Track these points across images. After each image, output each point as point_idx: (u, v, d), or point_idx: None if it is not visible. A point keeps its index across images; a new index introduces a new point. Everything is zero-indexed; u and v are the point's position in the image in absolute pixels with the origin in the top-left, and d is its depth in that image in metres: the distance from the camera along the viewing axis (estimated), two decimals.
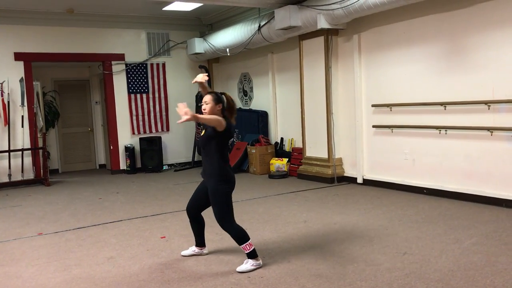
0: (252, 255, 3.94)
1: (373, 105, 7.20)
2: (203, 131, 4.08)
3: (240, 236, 3.95)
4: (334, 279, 3.65)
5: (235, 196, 7.10)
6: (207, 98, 3.99)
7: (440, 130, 6.23)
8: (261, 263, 3.96)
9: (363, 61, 7.34)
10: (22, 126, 9.20)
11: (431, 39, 6.29)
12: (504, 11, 5.44)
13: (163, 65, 10.74)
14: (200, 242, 4.39)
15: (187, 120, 3.49)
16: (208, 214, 5.98)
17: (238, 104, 10.71)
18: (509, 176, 5.53)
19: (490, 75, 5.62)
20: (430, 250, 4.18)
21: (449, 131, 6.14)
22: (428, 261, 3.91)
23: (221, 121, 3.84)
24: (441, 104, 6.15)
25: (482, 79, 5.71)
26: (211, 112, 3.93)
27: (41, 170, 9.29)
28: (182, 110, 3.48)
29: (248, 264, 3.93)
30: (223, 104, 4.01)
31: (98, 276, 3.98)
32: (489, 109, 5.63)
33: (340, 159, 7.89)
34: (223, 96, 4.05)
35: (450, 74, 6.10)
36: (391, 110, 6.93)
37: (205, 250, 4.41)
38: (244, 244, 3.92)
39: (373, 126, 7.24)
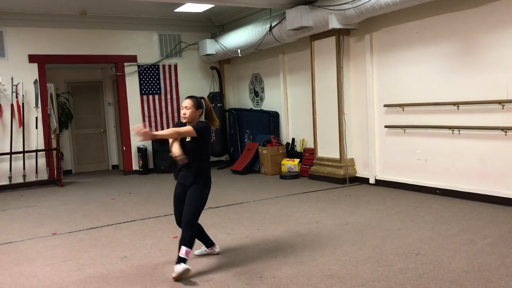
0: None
1: (385, 105, 7.17)
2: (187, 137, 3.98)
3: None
4: (347, 279, 3.64)
5: (245, 196, 7.16)
6: (188, 103, 3.96)
7: (453, 130, 6.19)
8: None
9: (375, 61, 7.32)
10: (36, 128, 9.31)
11: (443, 39, 6.25)
12: None
13: (175, 66, 10.80)
14: (206, 242, 4.36)
15: (145, 140, 3.67)
16: (217, 213, 6.01)
17: (249, 105, 10.73)
18: None
19: (504, 74, 5.56)
20: (443, 251, 4.15)
21: (462, 131, 6.10)
22: (441, 262, 3.89)
23: (188, 131, 3.84)
24: (454, 104, 6.10)
25: (496, 79, 5.66)
26: (192, 117, 3.95)
27: (55, 171, 9.40)
28: (136, 132, 3.57)
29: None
30: (203, 110, 4.05)
31: (112, 276, 4.02)
32: (503, 108, 5.58)
33: (352, 160, 7.87)
34: (202, 101, 4.07)
35: (463, 73, 6.05)
36: (403, 110, 6.90)
37: (216, 249, 4.41)
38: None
39: (385, 126, 7.21)
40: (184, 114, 3.95)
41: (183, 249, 3.82)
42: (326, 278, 3.69)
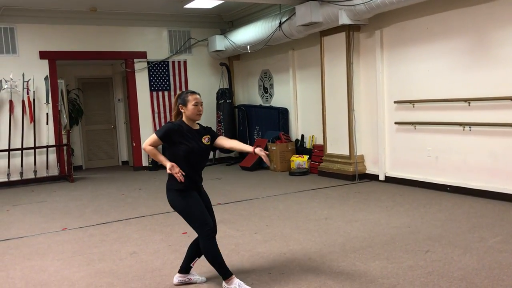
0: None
1: (395, 102, 7.12)
2: (205, 139, 3.61)
3: None
4: (356, 276, 3.63)
5: (254, 193, 7.17)
6: (200, 98, 3.58)
7: (464, 127, 6.13)
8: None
9: (385, 57, 7.26)
10: (47, 124, 9.38)
11: (454, 34, 6.18)
12: None
13: (185, 62, 10.82)
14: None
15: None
16: (226, 209, 6.02)
17: (259, 101, 10.72)
18: None
19: None
20: (453, 249, 4.12)
21: (473, 128, 6.04)
22: (451, 260, 3.86)
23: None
24: (465, 100, 6.05)
25: (507, 75, 5.59)
26: None
27: (65, 167, 9.48)
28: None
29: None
30: None
31: (121, 271, 4.04)
32: None
33: (362, 156, 7.83)
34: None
35: (474, 69, 5.99)
36: (413, 107, 6.85)
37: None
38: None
39: (396, 123, 7.16)
40: (200, 112, 3.54)
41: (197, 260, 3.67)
42: (334, 274, 3.68)
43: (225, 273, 3.50)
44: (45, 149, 9.29)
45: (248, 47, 9.37)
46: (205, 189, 3.82)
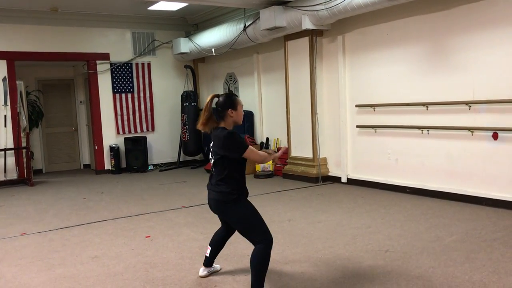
0: None
1: (357, 105, 7.28)
2: None
3: None
4: (317, 276, 3.69)
5: None
6: None
7: (422, 130, 6.33)
8: None
9: (347, 62, 7.42)
10: (5, 126, 9.10)
11: (413, 40, 6.39)
12: (484, 13, 5.55)
13: (148, 64, 10.72)
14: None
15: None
16: (190, 212, 5.98)
17: None
18: (489, 175, 5.64)
19: (471, 76, 5.73)
20: (411, 248, 4.25)
21: (431, 131, 6.24)
22: (409, 258, 3.98)
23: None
24: (423, 104, 6.25)
25: (463, 80, 5.81)
26: None
27: (25, 170, 9.22)
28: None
29: None
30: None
31: (82, 276, 3.97)
32: (469, 109, 5.74)
33: (325, 159, 7.96)
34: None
35: (432, 75, 6.19)
36: (374, 110, 7.02)
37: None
38: None
39: (357, 126, 7.32)
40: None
41: None
42: (297, 275, 3.74)
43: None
44: (3, 152, 9.01)
45: (213, 50, 9.38)
46: (169, 192, 3.81)
